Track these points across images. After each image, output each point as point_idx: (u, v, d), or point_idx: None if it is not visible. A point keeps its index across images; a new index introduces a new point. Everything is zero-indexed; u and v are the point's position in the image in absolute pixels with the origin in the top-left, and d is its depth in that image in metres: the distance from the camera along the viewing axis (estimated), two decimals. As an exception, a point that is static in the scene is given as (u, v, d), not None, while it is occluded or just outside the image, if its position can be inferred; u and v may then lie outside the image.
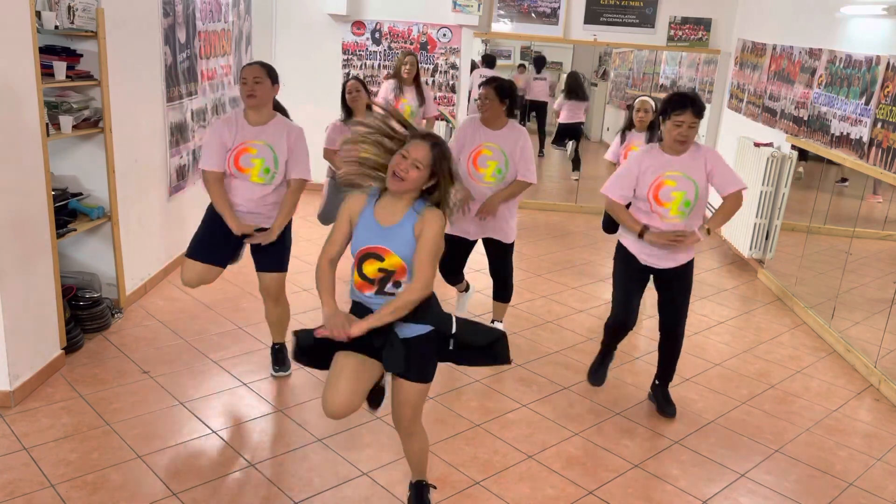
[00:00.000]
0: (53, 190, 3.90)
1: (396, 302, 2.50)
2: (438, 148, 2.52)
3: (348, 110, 5.07)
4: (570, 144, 9.17)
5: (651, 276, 3.67)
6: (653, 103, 5.29)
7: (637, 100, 5.39)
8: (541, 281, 5.74)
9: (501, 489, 3.09)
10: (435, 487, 2.97)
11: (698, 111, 3.35)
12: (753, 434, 3.68)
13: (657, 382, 3.87)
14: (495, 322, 4.57)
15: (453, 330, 2.64)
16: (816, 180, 5.94)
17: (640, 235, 3.51)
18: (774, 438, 3.65)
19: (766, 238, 6.02)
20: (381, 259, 2.54)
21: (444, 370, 4.13)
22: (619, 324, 3.70)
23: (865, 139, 4.69)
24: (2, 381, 3.42)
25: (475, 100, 4.10)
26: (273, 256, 3.72)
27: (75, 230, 4.05)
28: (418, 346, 2.61)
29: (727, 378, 4.27)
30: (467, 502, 3.00)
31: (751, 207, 6.03)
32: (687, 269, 3.60)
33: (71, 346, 3.95)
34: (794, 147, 5.79)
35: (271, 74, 3.61)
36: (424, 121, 6.13)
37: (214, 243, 3.66)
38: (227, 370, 3.97)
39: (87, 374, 3.82)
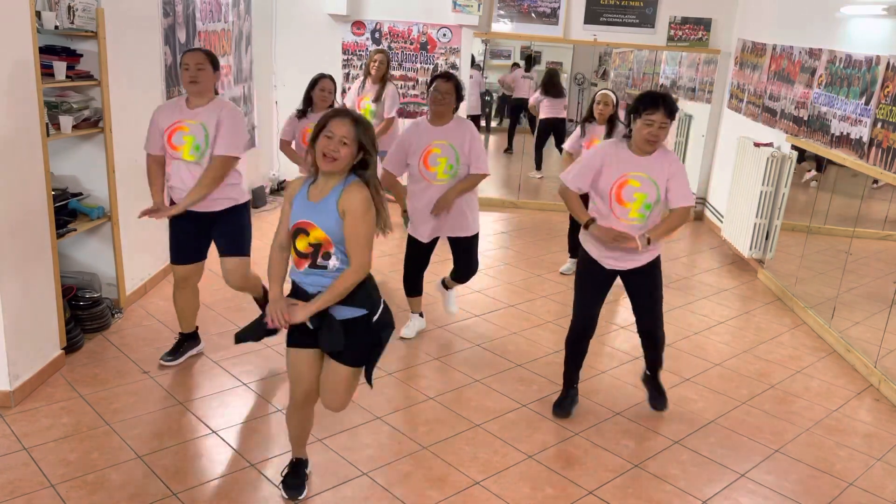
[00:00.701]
0: (53, 190, 3.90)
1: (335, 287, 2.57)
2: (360, 122, 2.57)
3: (308, 103, 5.01)
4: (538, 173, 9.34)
5: (622, 282, 3.60)
6: (614, 97, 5.36)
7: (598, 92, 5.42)
8: (541, 281, 5.74)
9: (501, 489, 3.09)
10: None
11: (670, 111, 3.26)
12: (753, 434, 3.68)
13: (648, 373, 3.83)
14: (450, 290, 4.61)
15: (375, 317, 2.68)
16: (818, 179, 5.94)
17: (586, 227, 3.46)
18: (774, 438, 3.65)
19: (766, 238, 6.02)
20: (307, 233, 2.59)
21: (444, 370, 4.14)
22: (577, 333, 3.63)
23: (865, 139, 4.69)
24: (2, 381, 3.42)
25: (433, 91, 4.06)
26: (229, 239, 3.79)
27: (75, 230, 4.05)
28: (354, 329, 2.66)
29: (727, 378, 4.27)
30: (468, 502, 3.00)
31: (751, 207, 6.03)
32: (653, 267, 3.52)
33: (71, 346, 3.96)
34: (798, 151, 5.79)
35: (213, 62, 3.65)
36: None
37: (186, 243, 3.77)
38: (227, 370, 3.97)
39: (87, 374, 3.82)
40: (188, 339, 4.03)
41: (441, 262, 4.64)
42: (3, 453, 3.10)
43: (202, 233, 3.78)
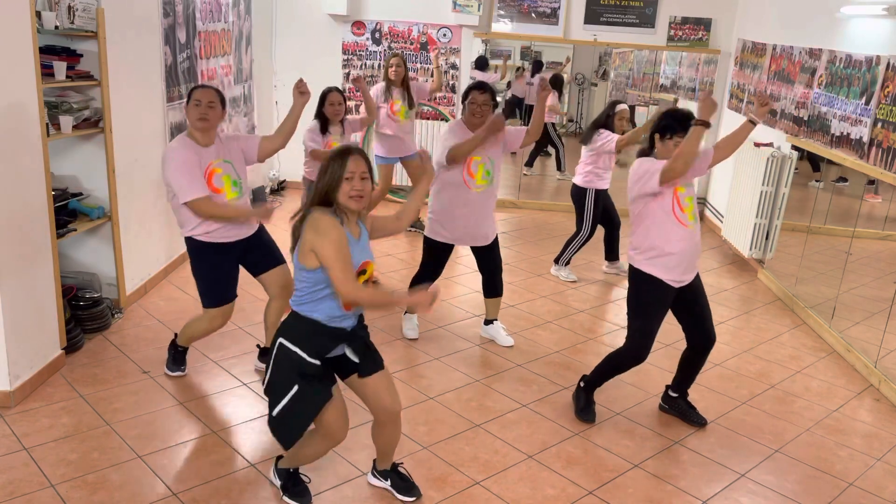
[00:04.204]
0: (53, 190, 3.90)
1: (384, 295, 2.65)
2: (363, 152, 2.63)
3: (324, 119, 5.03)
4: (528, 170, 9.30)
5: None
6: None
7: (620, 107, 5.47)
8: (541, 281, 5.74)
9: (501, 489, 3.09)
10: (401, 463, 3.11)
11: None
12: (753, 434, 3.68)
13: (676, 395, 3.78)
14: (495, 322, 4.56)
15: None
16: (821, 180, 5.94)
17: (706, 124, 3.26)
18: (774, 438, 3.65)
19: (766, 238, 6.02)
20: (365, 272, 2.67)
21: (444, 370, 4.14)
22: (638, 358, 3.51)
23: (865, 139, 4.69)
24: (2, 381, 3.42)
25: (470, 104, 4.12)
26: (269, 248, 3.75)
27: (75, 230, 4.05)
28: (369, 340, 2.80)
29: (727, 378, 4.27)
30: (468, 502, 3.00)
31: (751, 207, 6.03)
32: (698, 274, 3.57)
33: (71, 346, 3.96)
34: (799, 152, 5.79)
35: (223, 101, 3.55)
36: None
37: (229, 284, 3.68)
38: (227, 370, 3.97)
39: (87, 374, 3.82)
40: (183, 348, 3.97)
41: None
42: (3, 453, 3.10)
43: (236, 273, 3.71)
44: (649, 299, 3.46)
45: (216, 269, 3.61)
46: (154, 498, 2.89)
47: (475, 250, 4.40)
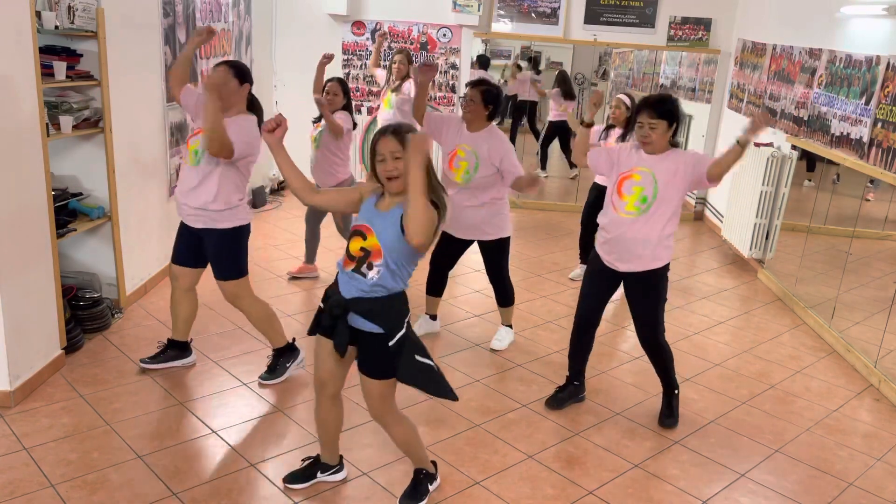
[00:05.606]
0: (53, 190, 3.90)
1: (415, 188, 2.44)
2: (398, 130, 2.60)
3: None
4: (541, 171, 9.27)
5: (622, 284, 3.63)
6: (628, 100, 5.35)
7: (615, 100, 5.42)
8: (541, 281, 5.74)
9: (501, 489, 3.09)
10: (433, 473, 3.02)
11: (659, 112, 3.27)
12: (753, 434, 3.68)
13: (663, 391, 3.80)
14: (502, 326, 4.56)
15: (391, 342, 2.64)
16: (815, 179, 5.94)
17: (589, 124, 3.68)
18: (774, 438, 3.65)
19: (766, 238, 6.02)
20: (364, 237, 2.62)
21: (444, 370, 4.13)
22: (578, 318, 3.71)
23: (865, 139, 4.69)
24: (2, 381, 3.42)
25: (460, 98, 4.11)
26: (213, 261, 3.71)
27: (75, 230, 4.05)
28: (371, 343, 2.67)
29: (727, 378, 4.27)
30: (467, 502, 3.00)
31: (751, 207, 6.03)
32: (649, 277, 3.46)
33: (71, 346, 3.95)
34: (797, 152, 5.78)
35: (239, 74, 3.51)
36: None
37: (183, 245, 3.72)
38: (227, 370, 3.97)
39: (87, 374, 3.82)
40: (174, 348, 3.94)
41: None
42: (3, 453, 3.10)
43: (200, 243, 3.70)
44: (590, 266, 3.69)
45: (180, 225, 3.76)
46: (154, 498, 2.89)
47: (480, 250, 4.36)
